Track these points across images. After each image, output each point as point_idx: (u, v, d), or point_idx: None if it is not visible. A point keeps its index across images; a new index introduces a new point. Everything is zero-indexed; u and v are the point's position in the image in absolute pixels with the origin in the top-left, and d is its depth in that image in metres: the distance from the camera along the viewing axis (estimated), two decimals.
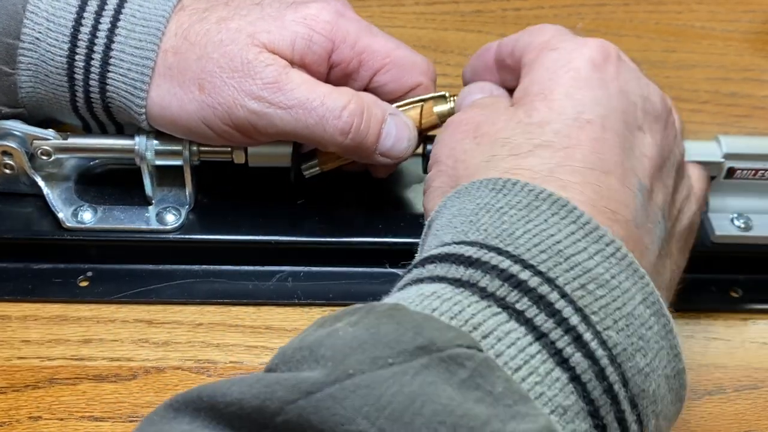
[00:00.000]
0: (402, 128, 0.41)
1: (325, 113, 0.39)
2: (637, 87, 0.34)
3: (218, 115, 0.39)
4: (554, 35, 0.36)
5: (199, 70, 0.39)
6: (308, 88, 0.39)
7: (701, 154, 0.45)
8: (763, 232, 0.47)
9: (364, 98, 0.40)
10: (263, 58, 0.39)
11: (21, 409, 0.39)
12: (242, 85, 0.38)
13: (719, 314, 0.46)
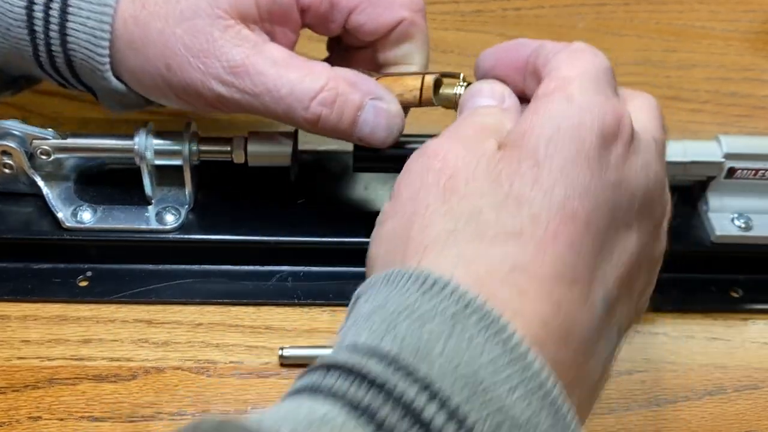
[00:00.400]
0: (381, 116, 0.38)
1: (292, 103, 0.36)
2: (642, 178, 0.29)
3: (186, 92, 0.37)
4: (582, 74, 0.30)
5: (163, 46, 0.36)
6: (278, 73, 0.36)
7: (701, 154, 0.46)
8: (763, 232, 0.47)
9: (342, 81, 0.37)
10: (230, 36, 0.36)
11: (21, 409, 0.39)
12: (208, 67, 0.36)
13: (719, 314, 0.46)
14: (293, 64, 0.37)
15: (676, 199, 0.44)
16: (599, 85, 0.30)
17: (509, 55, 0.35)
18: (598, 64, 0.31)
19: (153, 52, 0.37)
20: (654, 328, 0.45)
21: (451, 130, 0.31)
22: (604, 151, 0.28)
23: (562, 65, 0.31)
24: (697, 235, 0.47)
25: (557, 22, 0.66)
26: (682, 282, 0.47)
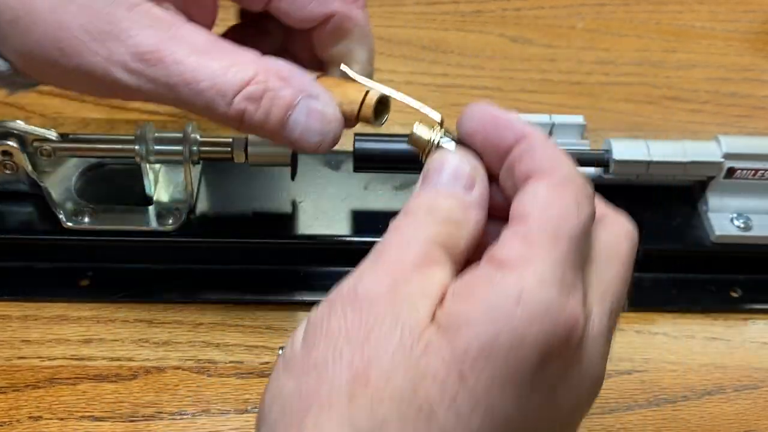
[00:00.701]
0: (315, 118, 0.32)
1: (213, 97, 0.30)
2: (578, 389, 0.25)
3: (85, 79, 0.31)
4: (550, 245, 0.24)
5: (55, 27, 0.30)
6: (197, 61, 0.30)
7: (701, 154, 0.46)
8: (762, 232, 0.47)
9: (273, 74, 0.31)
10: (138, 17, 0.30)
11: (21, 408, 0.39)
12: (112, 53, 0.30)
13: (719, 314, 0.46)
14: (216, 51, 0.31)
15: (676, 199, 0.44)
16: (564, 269, 0.24)
17: (494, 132, 0.28)
18: (575, 224, 0.25)
19: (42, 34, 0.30)
20: (654, 328, 0.45)
21: (389, 247, 0.26)
22: (540, 371, 0.23)
23: (536, 209, 0.25)
24: (697, 235, 0.47)
25: (557, 23, 0.66)
26: (681, 282, 0.47)
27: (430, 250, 0.25)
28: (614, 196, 0.49)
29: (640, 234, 0.48)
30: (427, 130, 0.31)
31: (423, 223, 0.26)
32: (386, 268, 0.25)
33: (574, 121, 0.48)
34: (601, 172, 0.49)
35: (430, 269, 0.25)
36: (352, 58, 0.34)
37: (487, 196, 0.28)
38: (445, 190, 0.27)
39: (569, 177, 0.26)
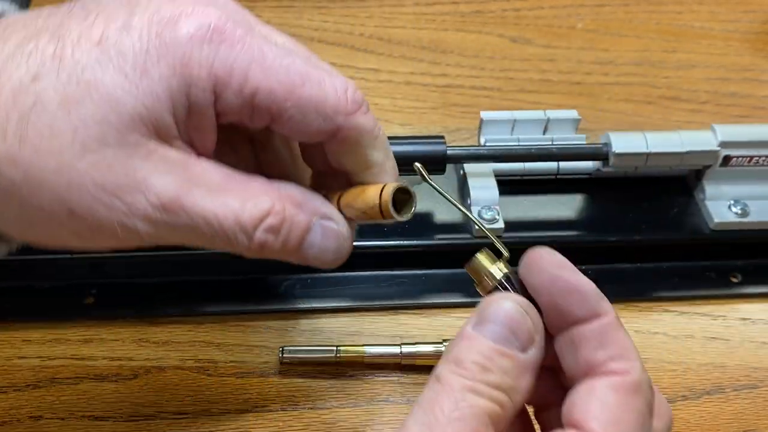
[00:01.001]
0: (329, 238, 0.32)
1: (236, 234, 0.30)
2: None
3: (98, 237, 0.30)
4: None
5: (64, 189, 0.28)
6: (216, 201, 0.29)
7: (697, 144, 0.47)
8: (759, 217, 0.48)
9: (288, 202, 0.31)
10: (155, 164, 0.29)
11: (22, 408, 0.39)
12: (131, 206, 0.29)
13: (718, 314, 0.46)
14: (231, 186, 0.30)
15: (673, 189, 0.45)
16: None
17: (563, 298, 0.28)
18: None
19: (48, 198, 0.28)
20: (653, 328, 0.45)
21: (436, 407, 0.26)
22: None
23: (602, 425, 0.26)
24: (695, 223, 0.48)
25: (557, 23, 0.66)
26: (682, 270, 0.48)
27: (478, 427, 0.26)
28: (611, 189, 0.50)
29: (640, 226, 0.49)
30: (490, 261, 0.31)
31: (474, 386, 0.26)
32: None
33: (569, 115, 0.49)
34: (599, 166, 0.49)
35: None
36: (367, 164, 0.33)
37: (542, 356, 0.28)
38: (502, 347, 0.27)
39: (640, 382, 0.26)
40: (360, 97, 0.32)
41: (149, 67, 0.28)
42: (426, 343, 0.42)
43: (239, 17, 0.31)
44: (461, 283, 0.46)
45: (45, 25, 0.29)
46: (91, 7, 0.30)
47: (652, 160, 0.47)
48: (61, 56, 0.28)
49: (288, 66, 0.30)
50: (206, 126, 0.30)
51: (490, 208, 0.47)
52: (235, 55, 0.29)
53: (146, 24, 0.29)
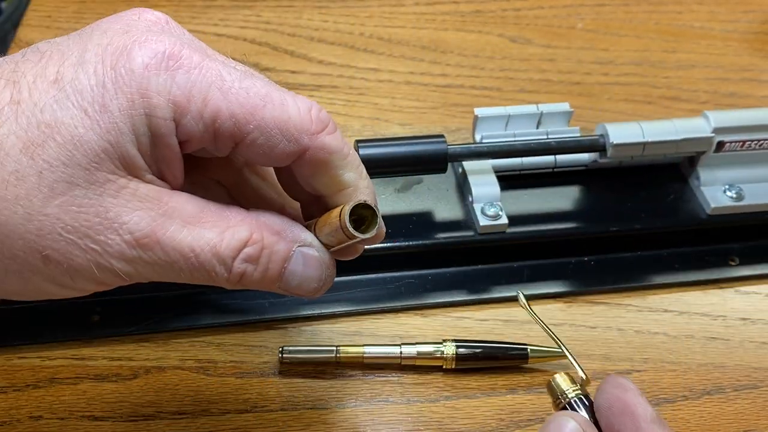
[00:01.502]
0: (312, 267, 0.31)
1: (214, 266, 0.29)
2: None
3: (74, 281, 0.29)
4: None
5: (34, 235, 0.27)
6: (192, 234, 0.29)
7: (691, 131, 0.48)
8: (754, 200, 0.49)
9: (266, 230, 0.30)
10: (126, 200, 0.28)
11: (22, 408, 0.39)
12: (106, 246, 0.28)
13: (718, 314, 0.46)
14: (207, 217, 0.30)
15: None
16: None
17: (617, 416, 0.31)
18: None
19: (20, 246, 0.27)
20: (653, 328, 0.45)
21: None
22: None
23: None
24: (692, 209, 0.49)
25: (556, 23, 0.66)
26: (681, 255, 0.49)
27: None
28: (608, 179, 0.51)
29: (638, 214, 0.49)
30: (568, 383, 0.33)
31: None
32: None
33: (561, 108, 0.49)
34: (596, 157, 0.49)
35: None
36: (340, 185, 0.32)
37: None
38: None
39: None
40: (325, 116, 0.31)
41: (108, 101, 0.27)
42: (426, 343, 0.42)
43: (195, 44, 0.30)
44: (465, 281, 0.46)
45: (0, 71, 0.28)
46: (44, 48, 0.29)
47: (648, 149, 0.48)
48: (19, 100, 0.28)
49: (248, 88, 0.29)
50: (172, 156, 0.29)
51: (492, 204, 0.47)
52: (193, 80, 0.28)
53: (100, 57, 0.28)
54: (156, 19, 0.31)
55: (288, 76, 0.59)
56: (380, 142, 0.44)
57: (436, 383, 0.42)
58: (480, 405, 0.41)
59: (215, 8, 0.65)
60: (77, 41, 0.29)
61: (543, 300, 0.46)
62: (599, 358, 0.43)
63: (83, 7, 0.64)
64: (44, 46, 0.30)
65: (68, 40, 0.30)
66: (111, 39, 0.29)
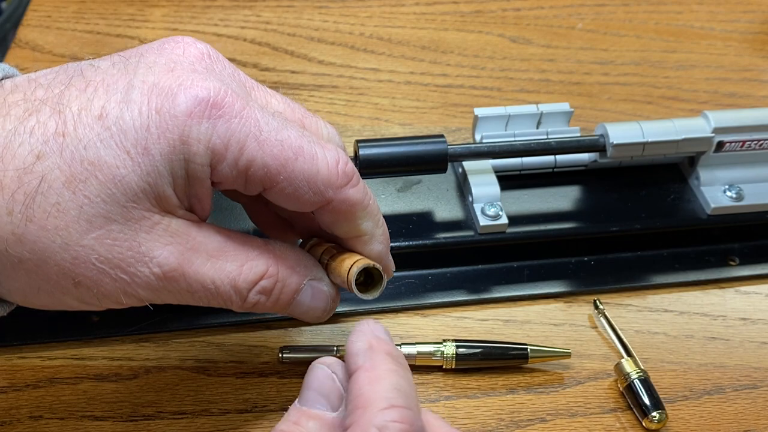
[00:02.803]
0: (319, 299, 0.35)
1: (231, 296, 0.32)
2: None
3: (101, 302, 0.31)
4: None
5: (70, 263, 0.29)
6: (215, 267, 0.31)
7: (691, 131, 0.48)
8: (754, 200, 0.49)
9: (282, 265, 0.33)
10: (158, 235, 0.30)
11: (22, 408, 0.39)
12: (134, 276, 0.30)
13: (718, 314, 0.46)
14: (229, 250, 0.32)
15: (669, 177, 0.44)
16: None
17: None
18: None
19: (54, 271, 0.29)
20: (653, 328, 0.45)
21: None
22: None
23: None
24: (692, 209, 0.49)
25: (556, 23, 0.66)
26: (681, 255, 0.49)
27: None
28: (607, 179, 0.51)
29: (638, 214, 0.49)
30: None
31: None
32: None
33: (561, 108, 0.49)
34: (596, 157, 0.50)
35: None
36: (357, 233, 0.34)
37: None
38: (309, 409, 0.31)
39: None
40: (351, 169, 0.32)
41: (150, 145, 0.29)
42: (426, 343, 0.42)
43: (237, 86, 0.31)
44: (465, 281, 0.46)
45: (45, 96, 0.29)
46: (90, 75, 0.30)
47: (648, 149, 0.48)
48: (64, 132, 0.29)
49: (282, 141, 0.30)
50: (204, 194, 0.31)
51: (492, 204, 0.47)
52: (232, 129, 0.30)
53: (146, 98, 0.29)
54: (199, 53, 0.32)
55: (288, 76, 0.59)
56: (380, 142, 0.45)
57: (436, 383, 0.42)
58: (480, 405, 0.41)
59: (215, 8, 0.65)
60: (123, 72, 0.30)
61: (543, 300, 0.46)
62: (599, 358, 0.43)
63: (83, 7, 0.64)
64: (89, 71, 0.30)
65: (113, 68, 0.31)
66: (157, 78, 0.30)
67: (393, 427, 0.27)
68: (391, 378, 0.29)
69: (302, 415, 0.30)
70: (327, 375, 0.31)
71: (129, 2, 0.65)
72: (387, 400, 0.28)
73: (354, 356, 0.30)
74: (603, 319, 0.44)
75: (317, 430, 0.30)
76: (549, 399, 0.41)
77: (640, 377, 0.40)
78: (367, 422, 0.27)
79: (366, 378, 0.29)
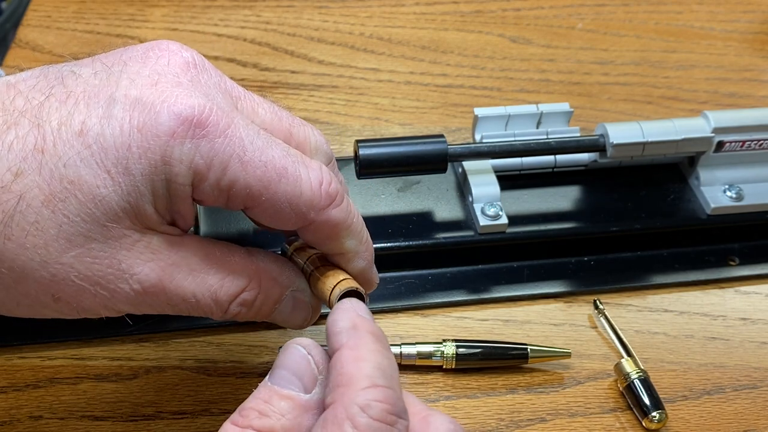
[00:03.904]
0: (300, 309, 0.35)
1: (211, 308, 0.32)
2: None
3: (81, 314, 0.31)
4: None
5: (48, 280, 0.29)
6: (195, 281, 0.31)
7: (691, 131, 0.48)
8: (754, 200, 0.49)
9: (264, 277, 0.33)
10: (139, 252, 0.30)
11: (22, 408, 0.39)
12: (114, 293, 0.30)
13: (718, 314, 0.46)
14: (211, 264, 0.32)
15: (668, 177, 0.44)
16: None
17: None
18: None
19: (33, 287, 0.29)
20: (653, 328, 0.45)
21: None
22: None
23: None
24: (692, 209, 0.49)
25: (556, 23, 0.66)
26: (681, 255, 0.49)
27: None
28: (607, 179, 0.51)
29: (638, 214, 0.49)
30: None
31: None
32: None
33: (561, 108, 0.49)
34: (596, 157, 0.50)
35: None
36: (340, 250, 0.34)
37: (321, 401, 0.29)
38: (282, 390, 0.30)
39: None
40: (334, 189, 0.32)
41: (131, 165, 0.28)
42: (426, 343, 0.42)
43: (222, 100, 0.31)
44: (465, 281, 0.46)
45: (24, 108, 0.29)
46: (70, 85, 0.29)
47: (648, 149, 0.48)
48: (43, 149, 0.28)
49: (266, 162, 0.30)
50: (185, 210, 0.31)
51: (492, 204, 0.47)
52: (216, 149, 0.29)
53: (128, 115, 0.28)
54: (185, 63, 0.31)
55: (288, 76, 0.59)
56: (380, 142, 0.45)
57: (436, 383, 0.42)
58: (480, 405, 0.41)
59: (215, 8, 0.65)
60: (105, 83, 0.29)
61: (543, 300, 0.46)
62: (599, 358, 0.43)
63: (83, 7, 0.64)
64: (70, 80, 0.30)
65: (95, 78, 0.30)
66: (140, 92, 0.29)
67: (375, 406, 0.27)
68: (375, 358, 0.28)
69: (273, 394, 0.29)
70: (302, 356, 0.30)
71: (129, 2, 0.65)
72: (370, 379, 0.27)
73: (337, 335, 0.29)
74: (603, 319, 0.44)
75: (288, 411, 0.29)
76: (549, 399, 0.41)
77: (640, 377, 0.40)
78: (350, 400, 0.27)
79: (349, 356, 0.28)
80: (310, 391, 0.29)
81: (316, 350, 0.30)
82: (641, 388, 0.40)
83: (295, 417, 0.29)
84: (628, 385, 0.40)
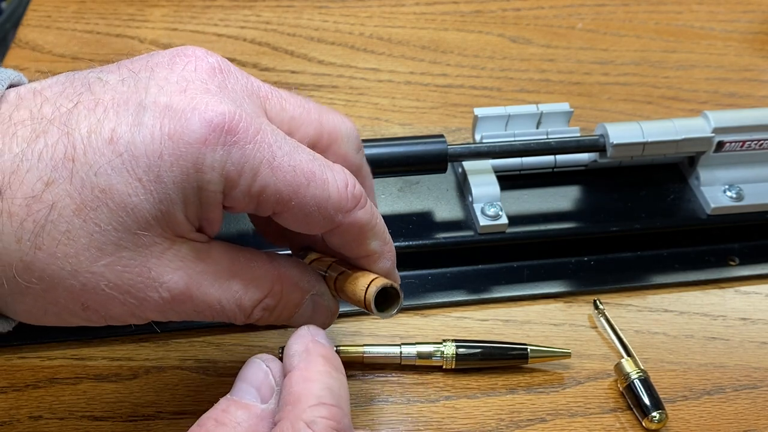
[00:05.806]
0: (320, 313, 0.35)
1: (235, 313, 0.32)
2: None
3: (108, 321, 0.31)
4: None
5: (79, 289, 0.29)
6: (221, 288, 0.31)
7: (691, 131, 0.48)
8: (754, 200, 0.49)
9: (287, 282, 0.33)
10: (168, 260, 0.30)
11: (21, 408, 0.39)
12: (143, 301, 0.30)
13: (718, 314, 0.46)
14: (236, 270, 0.32)
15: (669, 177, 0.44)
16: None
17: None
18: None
19: (63, 296, 0.29)
20: (653, 328, 0.45)
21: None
22: None
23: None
24: (692, 209, 0.49)
25: (556, 23, 0.66)
26: (681, 255, 0.49)
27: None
28: (607, 179, 0.51)
29: (638, 214, 0.49)
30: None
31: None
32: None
33: (561, 108, 0.49)
34: (596, 157, 0.50)
35: None
36: (365, 252, 0.34)
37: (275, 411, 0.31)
38: (239, 399, 0.31)
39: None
40: (359, 191, 0.32)
41: (163, 173, 0.28)
42: (426, 343, 0.42)
43: (249, 104, 0.31)
44: (465, 281, 0.46)
45: (52, 115, 0.28)
46: (98, 92, 0.29)
47: (648, 149, 0.48)
48: (73, 158, 0.28)
49: (295, 167, 0.30)
50: (215, 217, 0.31)
51: (492, 204, 0.47)
52: (246, 156, 0.29)
53: (158, 123, 0.28)
54: (211, 69, 0.31)
55: (288, 76, 0.59)
56: (380, 142, 0.45)
57: (436, 383, 0.42)
58: (480, 405, 0.41)
59: (215, 8, 0.65)
60: (133, 90, 0.29)
61: (543, 300, 0.46)
62: (599, 358, 0.43)
63: (83, 7, 0.64)
64: (97, 87, 0.29)
65: (122, 85, 0.30)
66: (170, 98, 0.29)
67: (321, 423, 0.28)
68: (324, 379, 0.29)
69: (231, 404, 0.30)
70: (261, 368, 0.31)
71: (129, 2, 0.65)
72: (317, 398, 0.29)
73: (290, 357, 0.31)
74: (603, 319, 0.44)
75: (245, 420, 0.30)
76: (549, 399, 0.41)
77: (640, 377, 0.40)
78: (296, 417, 0.28)
79: (299, 377, 0.30)
80: (267, 401, 0.30)
81: (275, 364, 0.31)
82: (641, 388, 0.40)
83: (251, 426, 0.30)
84: (628, 385, 0.40)
